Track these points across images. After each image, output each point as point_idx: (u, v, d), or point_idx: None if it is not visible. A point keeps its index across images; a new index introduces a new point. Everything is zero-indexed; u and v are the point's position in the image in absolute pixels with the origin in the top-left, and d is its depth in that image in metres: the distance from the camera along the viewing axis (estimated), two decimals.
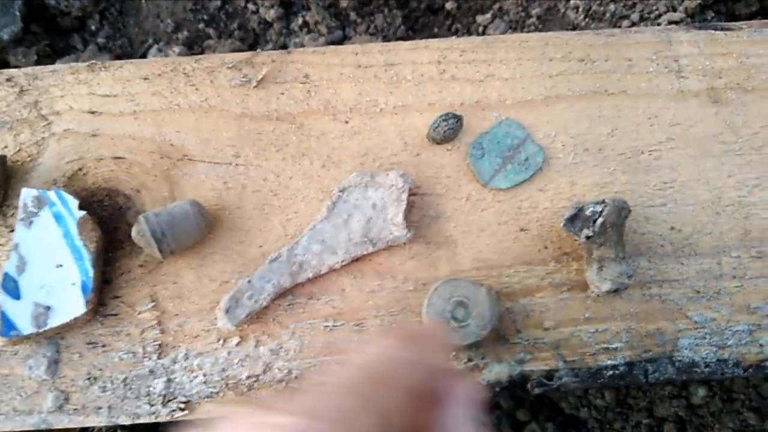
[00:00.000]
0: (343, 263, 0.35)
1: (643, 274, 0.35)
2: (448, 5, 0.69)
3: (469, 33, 0.69)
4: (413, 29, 0.71)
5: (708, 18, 0.59)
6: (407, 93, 0.38)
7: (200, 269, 0.36)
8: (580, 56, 0.39)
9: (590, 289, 0.35)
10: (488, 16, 0.68)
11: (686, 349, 0.35)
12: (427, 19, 0.72)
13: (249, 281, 0.34)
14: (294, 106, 0.38)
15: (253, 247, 0.36)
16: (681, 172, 0.37)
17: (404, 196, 0.35)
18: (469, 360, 0.35)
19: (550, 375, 0.35)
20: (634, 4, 0.61)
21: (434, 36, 0.69)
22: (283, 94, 0.38)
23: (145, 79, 0.38)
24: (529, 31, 0.64)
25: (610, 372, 0.35)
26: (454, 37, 0.46)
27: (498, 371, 0.35)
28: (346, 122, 0.38)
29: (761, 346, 0.35)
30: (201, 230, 0.35)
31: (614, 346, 0.35)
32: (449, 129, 0.36)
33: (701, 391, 0.50)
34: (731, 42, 0.39)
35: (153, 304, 0.36)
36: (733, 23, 0.39)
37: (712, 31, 0.39)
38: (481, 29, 0.68)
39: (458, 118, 0.36)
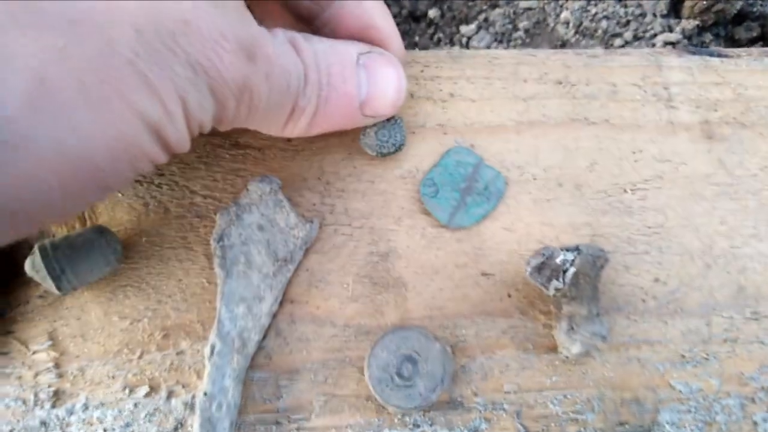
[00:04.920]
0: (278, 300, 0.30)
1: (621, 333, 0.31)
2: (431, 13, 0.65)
3: (452, 43, 0.64)
4: None
5: (706, 41, 0.55)
6: None
7: (109, 304, 0.31)
8: (558, 78, 0.34)
9: (559, 349, 0.30)
10: (473, 26, 0.64)
11: (668, 423, 0.30)
12: (408, 26, 0.68)
13: (204, 393, 0.29)
14: None
15: (172, 281, 0.31)
16: (668, 215, 0.32)
17: (280, 196, 0.31)
18: (415, 426, 0.30)
19: None
20: (628, 22, 0.57)
21: (415, 44, 0.65)
22: None
23: None
24: (515, 45, 0.60)
25: None
26: (416, 49, 0.42)
27: None
28: (288, 140, 0.33)
29: (755, 423, 0.30)
30: (109, 263, 0.30)
31: (584, 416, 0.30)
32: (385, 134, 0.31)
33: None
34: (728, 71, 0.34)
35: (51, 342, 0.31)
36: (731, 50, 0.35)
37: (708, 57, 0.35)
38: (464, 40, 0.63)
39: (393, 126, 0.31)
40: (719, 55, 0.35)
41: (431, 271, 0.31)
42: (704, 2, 0.55)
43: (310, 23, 0.29)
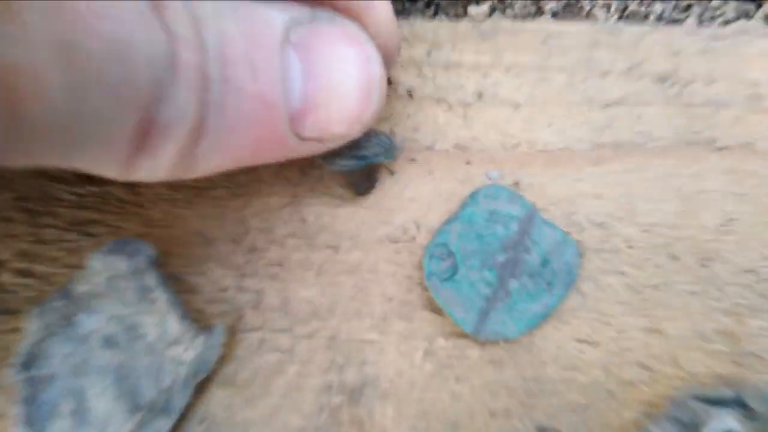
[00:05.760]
0: None
1: None
2: None
3: None
4: None
5: None
6: None
7: None
8: (661, 72, 0.20)
9: None
10: (485, 8, 0.49)
11: None
12: (401, 5, 0.54)
13: None
14: None
15: None
16: None
17: (150, 279, 0.16)
18: None
19: None
20: (689, 6, 0.43)
21: None
22: None
23: None
24: None
25: None
26: (419, 18, 0.28)
27: None
28: None
29: None
30: None
31: None
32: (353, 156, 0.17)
33: None
34: None
35: None
36: None
37: None
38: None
39: (376, 132, 0.17)
40: None
41: (444, 425, 0.17)
42: None
43: None
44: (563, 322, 0.17)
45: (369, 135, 0.17)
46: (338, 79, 0.14)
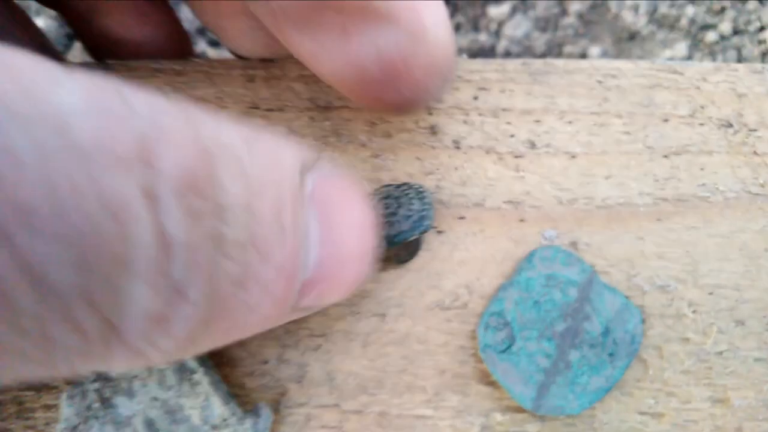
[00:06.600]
0: None
1: None
2: None
3: (477, 29, 0.48)
4: None
5: None
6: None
7: None
8: (724, 116, 0.18)
9: None
10: (505, 9, 0.47)
11: None
12: None
13: None
14: None
15: None
16: None
17: (190, 362, 0.15)
18: None
19: None
20: (723, 10, 0.41)
21: None
22: None
23: None
24: (565, 35, 0.44)
25: None
26: (462, 56, 0.26)
27: None
28: None
29: None
30: None
31: None
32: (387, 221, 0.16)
33: None
34: None
35: None
36: None
37: None
38: (494, 27, 0.47)
39: (406, 192, 0.16)
40: None
41: None
42: None
43: None
44: (625, 393, 0.17)
45: (397, 204, 0.16)
46: (348, 243, 0.12)
